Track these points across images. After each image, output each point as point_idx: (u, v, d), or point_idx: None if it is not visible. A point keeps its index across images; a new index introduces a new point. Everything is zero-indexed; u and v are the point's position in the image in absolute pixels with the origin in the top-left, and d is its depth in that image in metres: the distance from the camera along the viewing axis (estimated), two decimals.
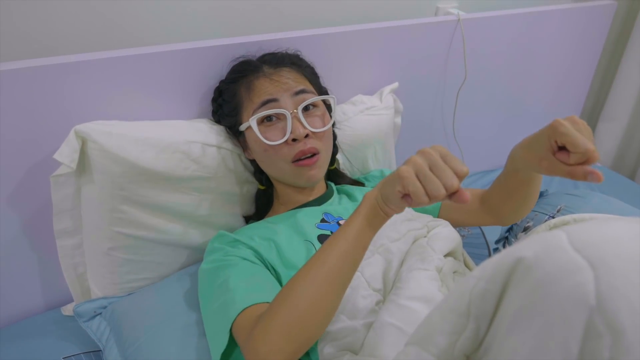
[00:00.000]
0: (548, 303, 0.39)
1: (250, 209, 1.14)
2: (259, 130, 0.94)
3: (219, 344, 0.75)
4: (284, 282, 0.85)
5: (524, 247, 0.43)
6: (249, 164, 1.09)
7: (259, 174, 1.08)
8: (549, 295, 0.39)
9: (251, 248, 0.89)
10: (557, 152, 0.65)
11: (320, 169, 0.97)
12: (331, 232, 0.94)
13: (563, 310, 0.38)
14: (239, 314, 0.73)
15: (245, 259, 0.85)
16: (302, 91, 0.96)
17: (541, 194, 1.25)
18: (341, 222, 0.97)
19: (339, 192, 1.10)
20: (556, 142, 0.64)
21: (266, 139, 0.93)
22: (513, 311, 0.42)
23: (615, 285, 0.37)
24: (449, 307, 0.47)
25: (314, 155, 0.95)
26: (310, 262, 0.70)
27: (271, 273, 0.87)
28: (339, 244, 0.69)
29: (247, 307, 0.73)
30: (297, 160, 0.94)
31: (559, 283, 0.39)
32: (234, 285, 0.78)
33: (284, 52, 1.05)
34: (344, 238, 0.69)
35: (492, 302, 0.44)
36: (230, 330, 0.74)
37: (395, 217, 0.93)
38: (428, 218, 0.98)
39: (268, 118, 0.95)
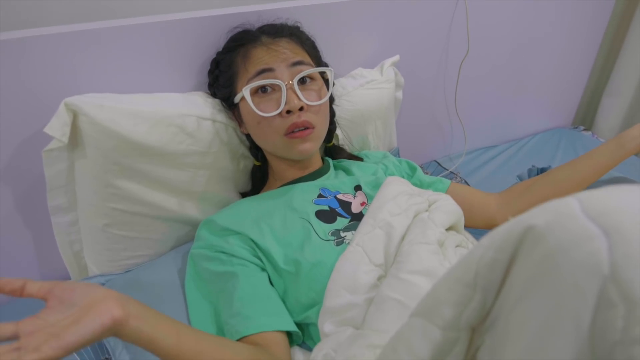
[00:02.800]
0: (559, 272, 0.38)
1: (247, 185, 1.13)
2: (253, 101, 0.91)
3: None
4: (279, 261, 0.84)
5: (534, 215, 0.41)
6: (245, 139, 1.07)
7: (255, 149, 1.06)
8: (561, 264, 0.38)
9: (243, 239, 0.88)
10: None
11: (313, 142, 0.94)
12: (329, 207, 0.92)
13: (575, 279, 0.37)
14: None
15: (242, 265, 0.86)
16: (300, 62, 0.93)
17: (543, 170, 1.23)
18: (338, 196, 0.95)
19: (335, 167, 1.08)
20: None
21: (259, 110, 0.91)
22: (522, 281, 0.40)
23: (630, 254, 0.35)
24: (455, 277, 0.46)
25: (307, 128, 0.92)
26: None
27: (265, 259, 0.86)
28: None
29: (247, 335, 0.77)
30: (290, 132, 0.91)
31: (571, 251, 0.37)
32: (236, 310, 0.81)
33: (284, 23, 1.02)
34: None
35: (500, 272, 0.43)
36: None
37: (396, 192, 0.91)
38: (429, 192, 0.96)
39: (263, 89, 0.92)
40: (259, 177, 1.09)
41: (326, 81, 1.01)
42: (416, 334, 0.48)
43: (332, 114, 1.10)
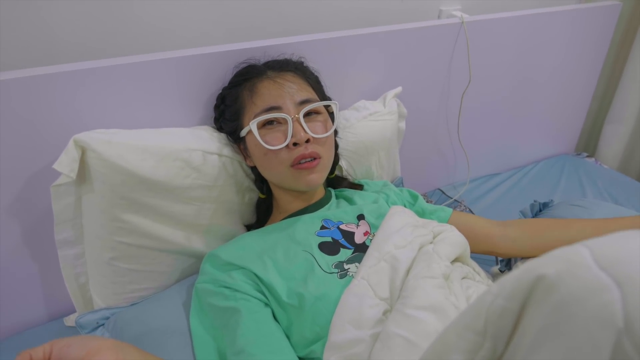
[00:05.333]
0: (573, 324, 0.37)
1: (252, 217, 1.13)
2: (259, 134, 0.93)
3: None
4: (282, 295, 0.84)
5: (544, 264, 0.41)
6: (250, 172, 1.08)
7: (260, 182, 1.07)
8: (574, 315, 0.37)
9: (246, 274, 0.87)
10: None
11: (320, 173, 0.95)
12: (332, 238, 0.92)
13: (589, 332, 0.36)
14: None
15: (245, 300, 0.85)
16: (306, 101, 0.95)
17: (545, 205, 1.23)
18: (341, 226, 0.95)
19: (337, 196, 1.09)
20: None
21: (266, 142, 0.92)
22: (535, 330, 0.40)
23: None
24: (465, 324, 0.45)
25: (314, 159, 0.93)
26: None
27: (269, 294, 0.86)
28: None
29: None
30: (297, 164, 0.92)
31: (584, 303, 0.37)
32: (240, 348, 0.80)
33: (289, 58, 1.04)
34: None
35: (511, 320, 0.42)
36: None
37: (401, 223, 0.91)
38: (433, 223, 0.96)
39: (269, 122, 0.94)
40: (263, 210, 1.10)
41: (331, 114, 1.03)
42: None
43: (336, 146, 1.11)
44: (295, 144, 0.92)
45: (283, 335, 0.83)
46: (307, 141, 0.92)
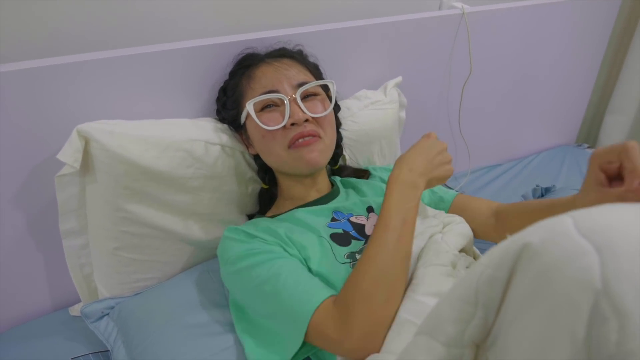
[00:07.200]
0: (553, 288, 0.39)
1: (254, 208, 1.14)
2: (257, 116, 0.93)
3: (292, 344, 0.75)
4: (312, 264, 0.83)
5: (530, 233, 0.42)
6: (252, 162, 1.08)
7: (263, 172, 1.07)
8: (554, 280, 0.39)
9: (273, 241, 0.86)
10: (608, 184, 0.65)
11: (320, 153, 0.94)
12: (343, 230, 0.92)
13: (568, 294, 0.38)
14: (314, 311, 0.73)
15: (281, 252, 0.83)
16: (303, 83, 0.95)
17: (548, 190, 1.24)
18: (352, 218, 0.95)
19: (344, 185, 1.08)
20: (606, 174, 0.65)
21: (263, 123, 0.92)
22: (519, 297, 0.42)
23: (621, 269, 0.37)
24: (457, 295, 0.47)
25: (313, 137, 0.92)
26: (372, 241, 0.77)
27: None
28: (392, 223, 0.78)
29: (320, 304, 0.73)
30: (295, 142, 0.92)
31: (565, 267, 0.39)
32: (293, 282, 0.77)
33: (286, 47, 1.05)
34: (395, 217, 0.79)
35: (499, 289, 0.44)
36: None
37: None
38: (443, 214, 0.97)
39: (267, 105, 0.94)
40: (266, 200, 1.10)
41: (329, 97, 1.02)
42: (421, 351, 0.49)
43: (339, 138, 1.11)
44: (293, 125, 0.91)
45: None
46: (306, 121, 0.92)
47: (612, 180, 0.65)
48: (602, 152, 0.64)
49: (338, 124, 1.10)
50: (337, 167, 1.15)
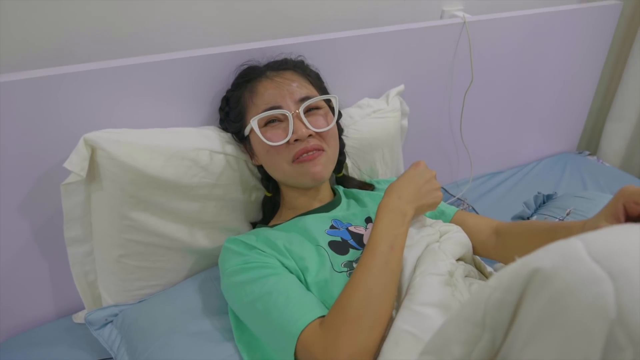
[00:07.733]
0: (567, 315, 0.38)
1: (258, 215, 1.15)
2: (261, 132, 0.94)
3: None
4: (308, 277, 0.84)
5: (540, 257, 0.42)
6: (256, 170, 1.09)
7: (266, 180, 1.08)
8: (568, 307, 0.38)
9: (270, 253, 0.87)
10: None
11: (324, 166, 0.95)
12: (341, 238, 0.93)
13: (583, 322, 0.37)
14: (301, 332, 0.74)
15: (276, 267, 0.84)
16: (306, 97, 0.96)
17: (549, 197, 1.24)
18: (350, 228, 0.96)
19: (347, 196, 1.09)
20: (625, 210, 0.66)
21: (267, 139, 0.93)
22: (531, 322, 0.41)
23: (636, 297, 0.36)
24: (464, 316, 0.47)
25: (317, 151, 0.94)
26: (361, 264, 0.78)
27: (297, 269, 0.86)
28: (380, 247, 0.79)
29: (308, 325, 0.74)
30: (298, 157, 0.93)
31: (578, 295, 0.38)
32: (284, 301, 0.78)
33: (287, 57, 1.05)
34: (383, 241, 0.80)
35: (508, 313, 0.43)
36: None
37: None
38: (440, 223, 0.97)
39: (271, 121, 0.95)
40: (269, 208, 1.11)
41: (332, 110, 1.03)
42: None
43: (342, 145, 1.12)
44: (296, 140, 0.93)
45: (311, 295, 0.82)
46: (309, 136, 0.93)
47: (629, 220, 0.65)
48: (633, 190, 0.64)
49: (340, 131, 1.11)
50: (341, 174, 1.16)
